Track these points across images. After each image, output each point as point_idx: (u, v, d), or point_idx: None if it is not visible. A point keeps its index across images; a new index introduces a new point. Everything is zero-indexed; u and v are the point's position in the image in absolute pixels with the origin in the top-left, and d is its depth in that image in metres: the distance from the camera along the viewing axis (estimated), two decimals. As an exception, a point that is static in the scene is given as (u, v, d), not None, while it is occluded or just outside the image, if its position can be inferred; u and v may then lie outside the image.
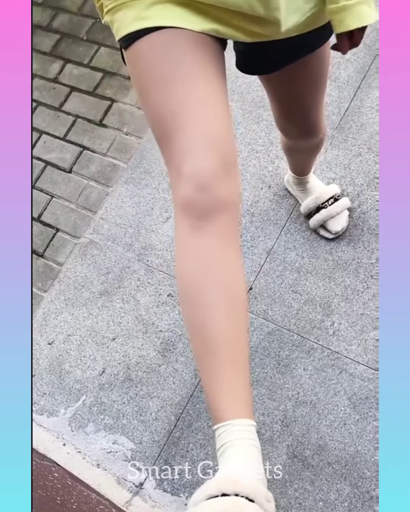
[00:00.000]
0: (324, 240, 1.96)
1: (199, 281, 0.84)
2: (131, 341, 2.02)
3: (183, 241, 0.85)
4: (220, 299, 0.84)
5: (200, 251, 0.83)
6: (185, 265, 0.85)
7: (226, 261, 0.84)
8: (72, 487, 1.68)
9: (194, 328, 0.86)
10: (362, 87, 2.16)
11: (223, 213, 0.82)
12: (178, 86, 0.87)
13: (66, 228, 2.37)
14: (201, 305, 0.84)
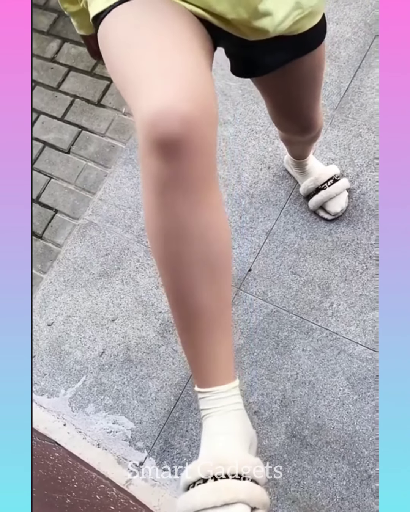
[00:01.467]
0: (323, 221, 1.95)
1: (178, 244, 0.78)
2: (131, 322, 2.03)
3: (151, 197, 0.77)
4: (206, 270, 0.81)
5: (174, 208, 0.76)
6: (157, 226, 0.78)
7: (204, 216, 0.78)
8: (72, 466, 1.69)
9: (174, 292, 0.84)
10: (362, 66, 2.14)
11: (194, 138, 0.71)
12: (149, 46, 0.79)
13: (65, 210, 2.37)
14: (181, 270, 0.81)
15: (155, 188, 0.74)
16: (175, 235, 0.77)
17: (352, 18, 2.22)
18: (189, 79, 0.72)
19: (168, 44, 0.78)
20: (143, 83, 0.72)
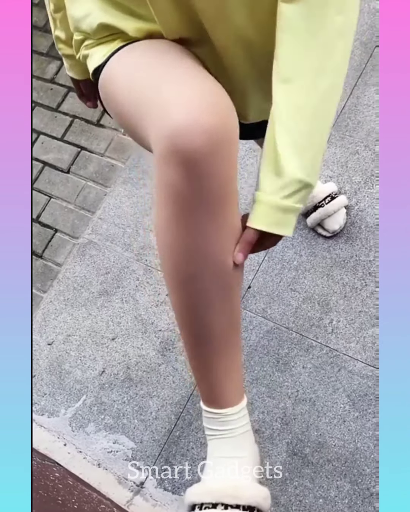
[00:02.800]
0: (322, 238, 1.96)
1: (194, 263, 0.77)
2: (131, 340, 2.02)
3: (168, 210, 0.75)
4: (218, 290, 0.80)
5: (192, 225, 0.74)
6: (177, 243, 0.76)
7: (222, 235, 0.77)
8: (73, 487, 1.68)
9: (185, 311, 0.83)
10: (359, 84, 2.16)
11: (217, 153, 0.69)
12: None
13: (65, 229, 2.38)
14: (196, 289, 0.80)
15: (173, 202, 0.72)
16: (191, 254, 0.76)
17: (348, 38, 2.25)
18: (212, 94, 0.71)
19: (182, 66, 0.78)
20: (164, 100, 0.71)
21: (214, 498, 0.78)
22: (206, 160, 0.68)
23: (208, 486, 0.81)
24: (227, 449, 0.86)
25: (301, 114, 0.78)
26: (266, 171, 0.79)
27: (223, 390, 0.87)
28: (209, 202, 0.72)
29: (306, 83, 0.78)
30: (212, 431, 0.88)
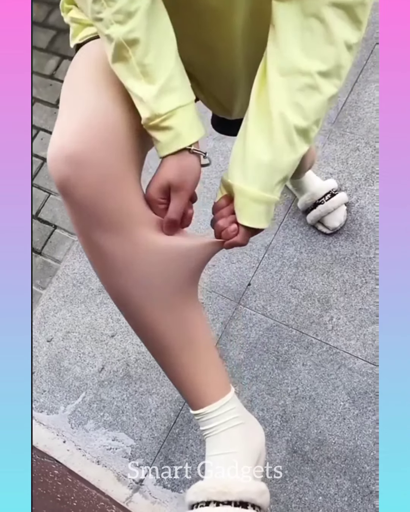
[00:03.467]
0: (322, 235, 1.95)
1: (119, 278, 0.82)
2: (130, 337, 2.02)
3: (79, 238, 0.82)
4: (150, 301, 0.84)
5: (100, 247, 0.80)
6: (91, 262, 0.84)
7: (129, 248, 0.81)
8: (72, 484, 1.68)
9: (134, 328, 0.89)
10: (359, 81, 2.15)
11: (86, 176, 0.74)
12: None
13: (64, 225, 2.37)
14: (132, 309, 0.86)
15: (76, 229, 0.79)
16: (109, 269, 0.81)
17: (348, 34, 2.24)
18: (87, 122, 0.74)
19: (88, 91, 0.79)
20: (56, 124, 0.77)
21: (206, 496, 0.78)
22: (64, 186, 0.73)
23: (201, 484, 0.81)
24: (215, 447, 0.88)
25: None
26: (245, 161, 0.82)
27: (195, 392, 0.89)
28: (102, 222, 0.76)
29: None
30: (203, 432, 0.90)
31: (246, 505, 0.78)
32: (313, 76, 0.75)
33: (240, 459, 0.85)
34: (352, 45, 0.76)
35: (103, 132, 0.73)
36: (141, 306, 0.82)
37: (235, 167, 0.83)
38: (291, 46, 0.75)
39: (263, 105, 0.79)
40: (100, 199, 0.73)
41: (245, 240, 0.86)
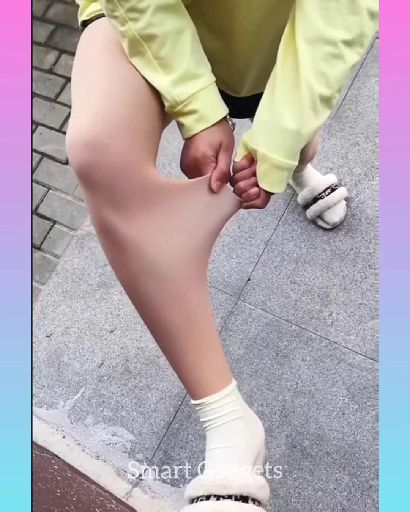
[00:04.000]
0: (322, 230, 1.95)
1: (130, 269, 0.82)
2: (130, 333, 2.02)
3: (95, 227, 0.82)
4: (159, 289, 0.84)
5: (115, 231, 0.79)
6: (106, 249, 0.84)
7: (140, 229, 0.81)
8: (72, 479, 1.68)
9: (141, 313, 0.87)
10: (359, 75, 2.15)
11: (106, 161, 0.73)
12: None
13: (63, 220, 2.36)
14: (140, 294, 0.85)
15: (93, 217, 0.78)
16: (122, 257, 0.80)
17: (348, 28, 2.23)
18: (103, 108, 0.74)
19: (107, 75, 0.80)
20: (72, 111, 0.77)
21: (206, 490, 0.78)
22: (85, 173, 0.73)
23: (201, 478, 0.81)
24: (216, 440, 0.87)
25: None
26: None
27: (197, 380, 0.89)
28: (122, 207, 0.76)
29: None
30: (203, 424, 0.90)
31: (246, 499, 0.78)
32: (337, 45, 0.76)
33: (240, 453, 0.85)
34: (375, 13, 0.76)
35: (121, 115, 0.74)
36: (149, 292, 0.82)
37: (259, 133, 0.84)
38: (316, 15, 0.76)
39: (290, 72, 0.80)
40: (119, 182, 0.74)
41: (265, 203, 0.90)
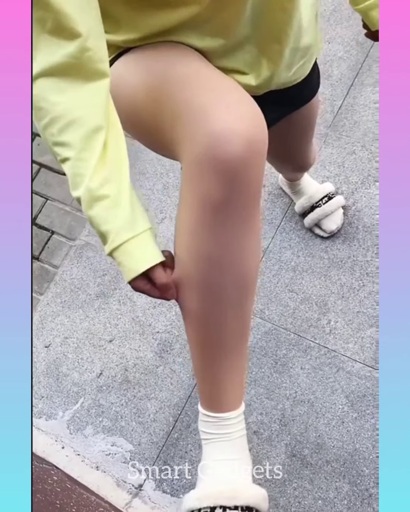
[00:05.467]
0: (319, 238, 1.95)
1: (219, 270, 0.77)
2: (128, 342, 2.02)
3: (196, 219, 0.75)
4: (237, 295, 0.81)
5: (222, 233, 0.74)
6: (206, 249, 0.76)
7: (248, 244, 0.78)
8: (71, 490, 1.68)
9: (201, 316, 0.82)
10: (355, 84, 2.16)
11: (253, 162, 0.70)
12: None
13: (61, 231, 2.37)
14: (215, 295, 0.80)
15: (205, 209, 0.72)
16: (217, 262, 0.76)
17: (344, 37, 2.25)
18: (247, 102, 0.72)
19: (208, 73, 0.78)
20: (199, 107, 0.71)
21: (212, 502, 0.78)
22: (243, 169, 0.68)
23: (206, 490, 0.80)
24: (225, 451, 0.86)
25: None
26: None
27: (225, 394, 0.87)
28: (240, 212, 0.73)
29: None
30: (210, 435, 0.88)
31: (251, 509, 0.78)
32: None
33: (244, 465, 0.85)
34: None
35: (260, 111, 0.74)
36: (225, 296, 0.81)
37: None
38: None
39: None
40: (257, 187, 0.73)
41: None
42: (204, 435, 0.89)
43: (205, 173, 0.69)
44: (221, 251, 0.75)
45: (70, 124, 0.73)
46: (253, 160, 0.69)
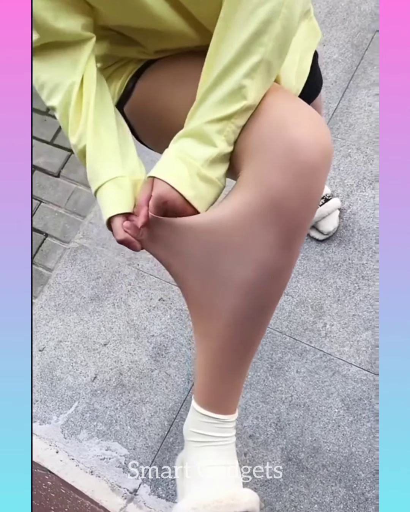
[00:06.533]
0: (315, 241, 1.95)
1: (278, 286, 0.81)
2: (123, 346, 2.01)
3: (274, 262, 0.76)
4: (269, 308, 0.84)
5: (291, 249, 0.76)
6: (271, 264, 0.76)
7: (293, 260, 0.81)
8: (66, 495, 1.66)
9: (246, 323, 0.83)
10: (350, 87, 2.16)
11: (326, 168, 0.75)
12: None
13: (55, 233, 2.36)
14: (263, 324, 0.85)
15: (265, 202, 0.73)
16: (277, 276, 0.79)
17: (339, 40, 2.25)
18: (316, 114, 0.75)
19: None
20: (277, 115, 0.73)
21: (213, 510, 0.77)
22: (315, 176, 0.71)
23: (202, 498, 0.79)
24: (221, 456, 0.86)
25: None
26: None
27: (232, 396, 0.88)
28: (305, 217, 0.75)
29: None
30: (207, 437, 0.86)
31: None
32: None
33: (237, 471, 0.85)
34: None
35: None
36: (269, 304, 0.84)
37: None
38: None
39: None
40: (319, 196, 0.75)
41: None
42: (198, 437, 0.87)
43: (277, 175, 0.71)
44: (281, 268, 0.79)
45: (52, 91, 0.92)
46: (324, 170, 0.72)
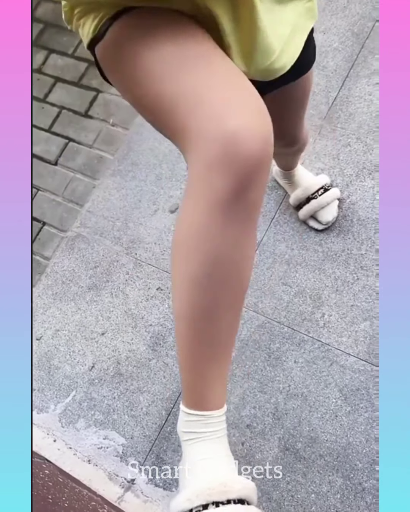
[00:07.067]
0: (314, 231, 1.94)
1: (221, 268, 0.76)
2: (121, 335, 2.00)
3: (205, 215, 0.72)
4: (235, 290, 0.80)
5: (229, 232, 0.73)
6: (205, 247, 0.74)
7: (248, 244, 0.77)
8: (63, 484, 1.66)
9: (195, 314, 0.80)
10: (350, 76, 2.14)
11: (266, 162, 0.70)
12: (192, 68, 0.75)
13: (53, 222, 2.34)
14: (212, 293, 0.78)
15: (213, 207, 0.71)
16: (221, 260, 0.75)
17: (339, 28, 2.23)
18: (260, 101, 0.72)
19: (221, 63, 0.76)
20: (215, 101, 0.70)
21: (204, 499, 0.76)
22: (256, 169, 0.68)
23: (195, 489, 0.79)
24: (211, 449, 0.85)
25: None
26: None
27: (212, 392, 0.86)
28: (249, 211, 0.72)
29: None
30: (194, 434, 0.87)
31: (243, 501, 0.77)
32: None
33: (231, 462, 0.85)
34: None
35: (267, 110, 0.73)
36: (224, 292, 0.80)
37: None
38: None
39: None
40: (264, 188, 0.73)
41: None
42: (187, 435, 0.88)
43: (215, 171, 0.68)
44: (227, 251, 0.74)
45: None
46: (266, 159, 0.68)
